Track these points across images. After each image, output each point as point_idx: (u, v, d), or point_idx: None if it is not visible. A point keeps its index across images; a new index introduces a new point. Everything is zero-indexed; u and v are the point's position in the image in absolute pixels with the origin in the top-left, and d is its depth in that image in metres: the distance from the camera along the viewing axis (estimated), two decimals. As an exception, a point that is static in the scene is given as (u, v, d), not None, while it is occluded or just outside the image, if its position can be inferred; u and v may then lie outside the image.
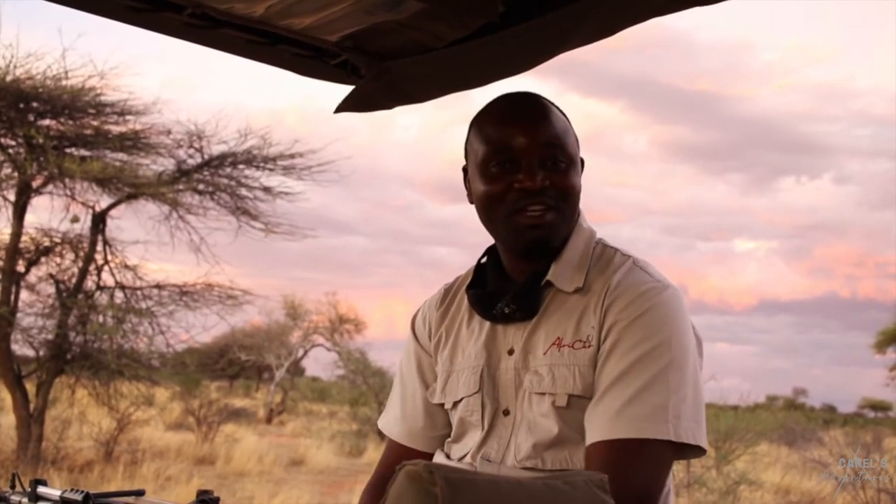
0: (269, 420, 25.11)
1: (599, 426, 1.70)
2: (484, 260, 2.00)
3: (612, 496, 1.15)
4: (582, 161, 1.92)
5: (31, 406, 12.76)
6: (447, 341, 2.00)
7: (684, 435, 1.68)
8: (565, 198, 1.83)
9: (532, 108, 1.87)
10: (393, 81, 2.21)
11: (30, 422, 12.49)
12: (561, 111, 1.91)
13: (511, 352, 1.86)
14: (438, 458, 1.99)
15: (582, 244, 1.88)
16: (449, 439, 1.99)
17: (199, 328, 16.00)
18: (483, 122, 1.90)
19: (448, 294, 2.06)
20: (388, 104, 2.33)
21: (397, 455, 2.05)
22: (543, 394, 1.79)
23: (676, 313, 1.77)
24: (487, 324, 1.91)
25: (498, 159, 1.83)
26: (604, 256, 1.87)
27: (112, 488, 2.60)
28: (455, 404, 1.94)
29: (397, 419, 2.09)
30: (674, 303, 1.78)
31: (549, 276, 1.84)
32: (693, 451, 1.73)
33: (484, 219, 1.90)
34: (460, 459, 1.91)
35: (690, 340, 1.78)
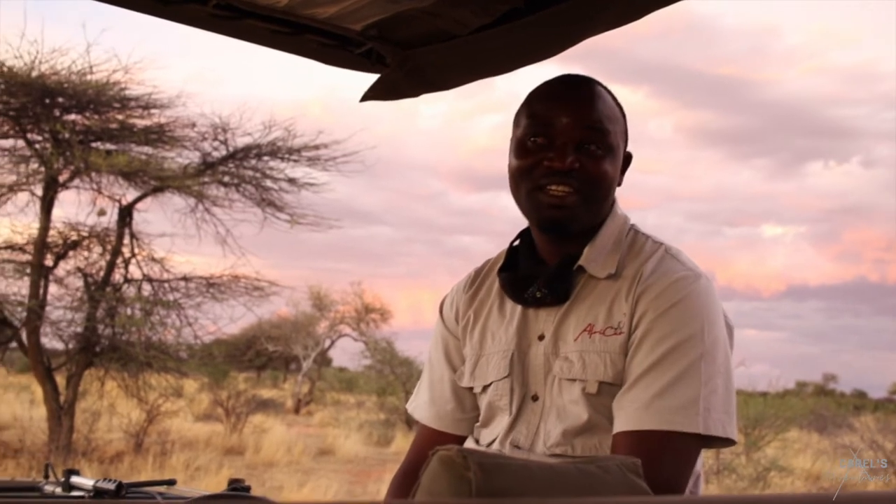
0: (296, 410, 25.21)
1: (628, 416, 1.70)
2: (517, 243, 1.99)
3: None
4: (628, 156, 1.92)
5: (62, 398, 12.88)
6: (475, 324, 1.99)
7: (713, 428, 1.68)
8: (593, 184, 1.81)
9: (580, 92, 1.86)
10: (418, 69, 2.21)
11: (60, 414, 12.60)
12: (616, 102, 1.90)
13: (541, 337, 1.86)
14: (468, 443, 1.99)
15: (616, 230, 1.87)
16: (478, 424, 1.99)
17: (227, 319, 16.12)
18: (532, 99, 1.90)
19: (477, 277, 2.06)
20: (413, 92, 2.33)
21: (427, 439, 2.06)
22: (573, 380, 1.78)
23: (708, 303, 1.76)
24: (519, 308, 1.90)
25: (536, 135, 1.84)
26: (636, 243, 1.87)
27: (142, 479, 2.63)
28: (484, 388, 1.94)
29: (426, 403, 2.09)
30: (706, 292, 1.77)
31: (581, 261, 1.83)
32: (722, 441, 1.73)
33: (512, 191, 1.91)
34: (489, 445, 1.91)
35: (722, 330, 1.77)
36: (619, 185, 1.91)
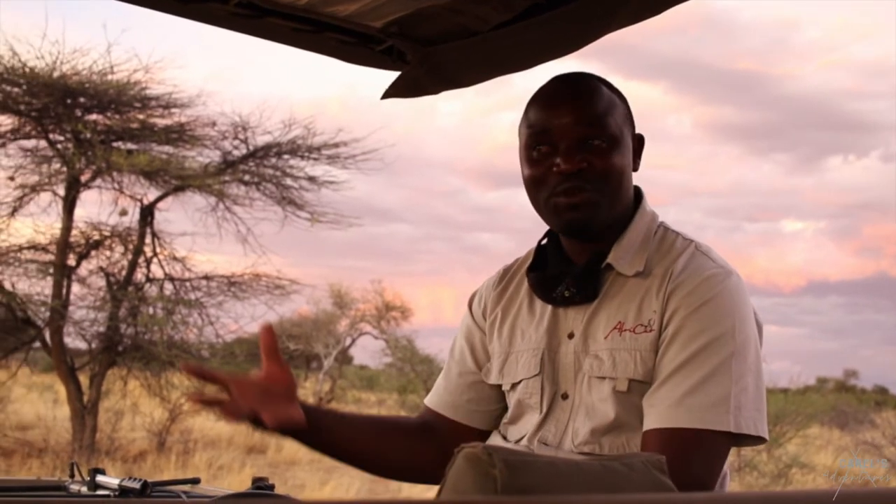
0: (318, 408, 25.25)
1: (659, 413, 1.70)
2: (544, 242, 1.98)
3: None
4: (639, 138, 1.91)
5: (85, 398, 12.96)
6: (503, 322, 2.00)
7: (745, 426, 1.68)
8: (604, 178, 1.81)
9: (570, 90, 1.86)
10: (439, 66, 2.21)
11: (84, 413, 12.68)
12: (610, 88, 1.89)
13: (571, 335, 1.86)
14: (494, 439, 1.99)
15: (644, 227, 1.87)
16: (505, 420, 1.99)
17: (248, 318, 16.10)
18: (528, 107, 1.90)
19: (506, 275, 2.06)
20: (434, 89, 2.33)
21: (434, 417, 2.09)
22: (603, 378, 1.78)
23: (740, 301, 1.76)
24: (548, 307, 1.90)
25: (538, 143, 1.84)
26: (665, 240, 1.86)
27: (165, 478, 2.64)
28: (513, 386, 1.94)
29: (442, 389, 2.11)
30: (737, 290, 1.77)
31: (609, 259, 1.83)
32: (752, 440, 1.72)
33: (531, 200, 1.91)
34: (517, 442, 1.91)
35: (752, 328, 1.77)
36: (636, 169, 1.90)
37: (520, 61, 2.19)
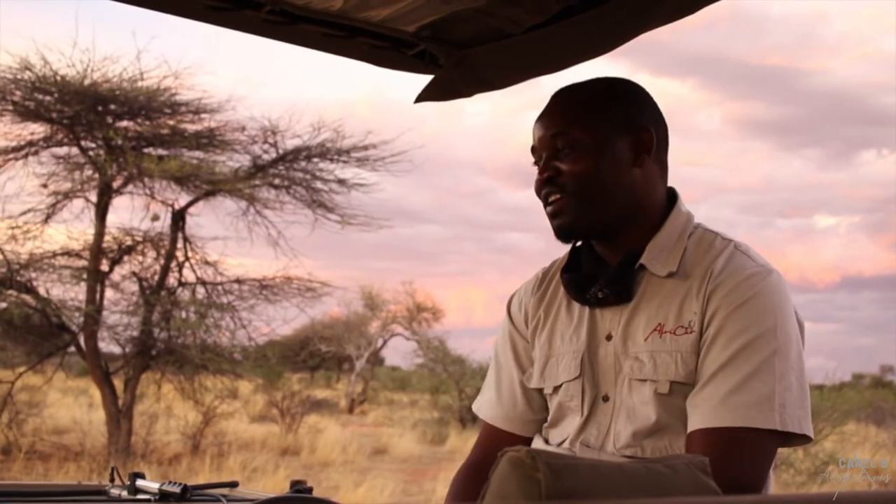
0: (350, 410, 25.35)
1: (703, 413, 1.69)
2: (579, 243, 1.98)
3: (715, 483, 1.14)
4: (640, 136, 1.86)
5: (120, 402, 13.06)
6: (545, 325, 1.99)
7: (790, 423, 1.67)
8: (576, 183, 1.83)
9: (550, 104, 1.92)
10: (472, 69, 2.20)
11: (119, 417, 12.79)
12: (605, 91, 1.89)
13: (609, 337, 1.85)
14: (537, 443, 1.99)
15: (678, 228, 1.86)
16: (546, 424, 1.98)
17: (280, 321, 16.24)
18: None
19: (545, 278, 2.06)
20: (467, 92, 2.33)
21: (492, 438, 2.05)
22: (645, 380, 1.78)
23: (781, 299, 1.75)
24: (586, 308, 1.90)
25: (533, 160, 1.92)
26: (703, 241, 1.85)
27: (200, 480, 2.66)
28: (555, 389, 1.93)
29: (492, 402, 2.08)
30: (778, 288, 1.76)
31: (642, 260, 1.83)
32: (798, 439, 1.71)
33: None
34: (559, 445, 1.91)
35: (794, 327, 1.76)
36: (639, 165, 1.86)
37: (552, 63, 2.19)
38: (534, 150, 1.91)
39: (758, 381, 1.67)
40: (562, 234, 1.88)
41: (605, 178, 1.84)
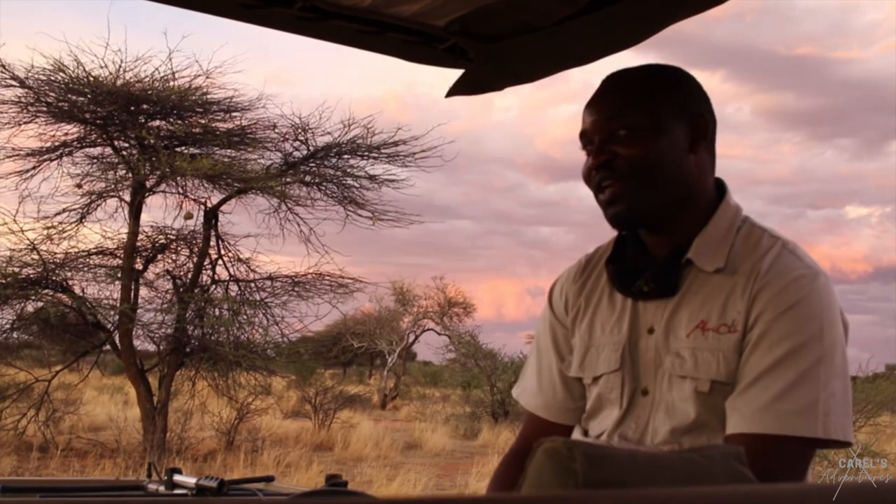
0: (383, 405, 25.43)
1: (744, 417, 1.67)
2: (624, 233, 1.96)
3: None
4: (696, 121, 1.85)
5: (155, 399, 13.17)
6: (585, 314, 1.97)
7: (833, 431, 1.65)
8: (632, 166, 1.79)
9: (601, 88, 1.89)
10: (502, 63, 2.20)
11: (154, 414, 12.90)
12: (653, 76, 1.88)
13: (651, 330, 1.83)
14: (575, 434, 1.99)
15: (726, 221, 1.83)
16: (585, 415, 1.98)
17: (312, 317, 16.34)
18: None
19: (587, 266, 2.03)
20: (498, 86, 2.33)
21: (535, 427, 2.05)
22: (685, 377, 1.76)
23: (827, 303, 1.72)
24: (629, 300, 1.88)
25: (583, 144, 1.88)
26: (751, 237, 1.81)
27: (235, 476, 2.68)
28: (595, 380, 1.92)
29: (533, 390, 2.08)
30: (825, 291, 1.72)
31: (690, 254, 1.80)
32: (838, 444, 1.69)
33: None
34: (597, 437, 1.90)
35: (840, 331, 1.73)
36: (694, 152, 1.84)
37: (583, 55, 2.18)
38: (584, 135, 1.87)
39: (802, 388, 1.64)
40: (617, 222, 1.84)
41: (663, 163, 1.81)
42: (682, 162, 1.82)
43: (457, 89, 2.32)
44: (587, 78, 1.95)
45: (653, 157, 1.80)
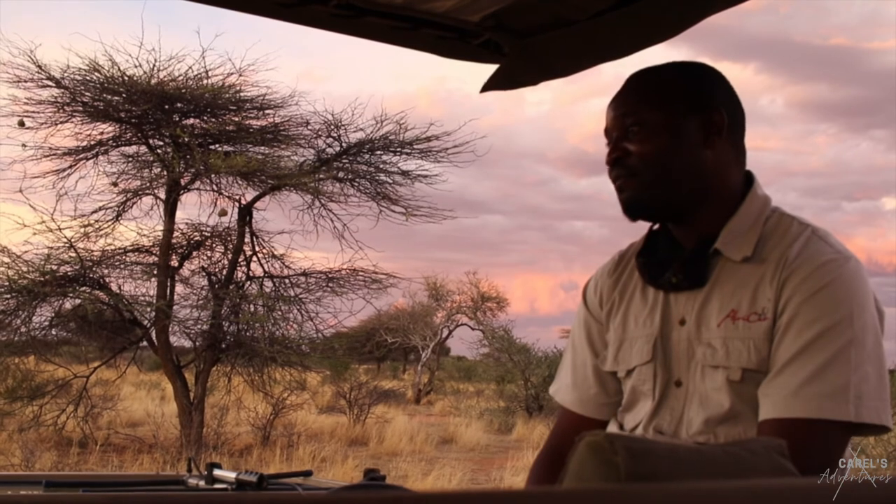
0: (417, 400, 25.49)
1: (775, 403, 1.66)
2: (656, 226, 1.97)
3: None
4: (710, 118, 1.84)
5: (191, 394, 13.28)
6: (619, 308, 1.99)
7: (866, 415, 1.63)
8: (644, 163, 1.82)
9: (621, 88, 1.91)
10: (537, 57, 2.20)
11: (190, 409, 13.00)
12: (671, 74, 1.88)
13: (683, 322, 1.84)
14: (611, 428, 1.99)
15: (754, 211, 1.83)
16: (620, 408, 1.98)
17: (346, 313, 16.35)
18: None
19: (622, 261, 2.05)
20: (532, 80, 2.33)
21: (570, 423, 2.06)
22: (717, 367, 1.76)
23: (858, 287, 1.70)
24: (661, 292, 1.89)
25: (606, 141, 1.91)
26: (780, 225, 1.81)
27: (271, 471, 2.70)
28: (628, 373, 1.93)
29: (568, 387, 2.09)
30: (855, 275, 1.71)
31: (717, 245, 1.80)
32: (873, 429, 1.67)
33: None
34: (632, 430, 1.90)
35: (872, 315, 1.71)
36: (710, 147, 1.83)
37: (617, 49, 2.17)
38: (606, 132, 1.90)
39: (832, 371, 1.63)
40: (628, 210, 1.86)
41: (673, 159, 1.82)
42: (696, 157, 1.83)
43: (492, 84, 2.32)
44: (619, 71, 1.96)
45: (663, 154, 1.82)
